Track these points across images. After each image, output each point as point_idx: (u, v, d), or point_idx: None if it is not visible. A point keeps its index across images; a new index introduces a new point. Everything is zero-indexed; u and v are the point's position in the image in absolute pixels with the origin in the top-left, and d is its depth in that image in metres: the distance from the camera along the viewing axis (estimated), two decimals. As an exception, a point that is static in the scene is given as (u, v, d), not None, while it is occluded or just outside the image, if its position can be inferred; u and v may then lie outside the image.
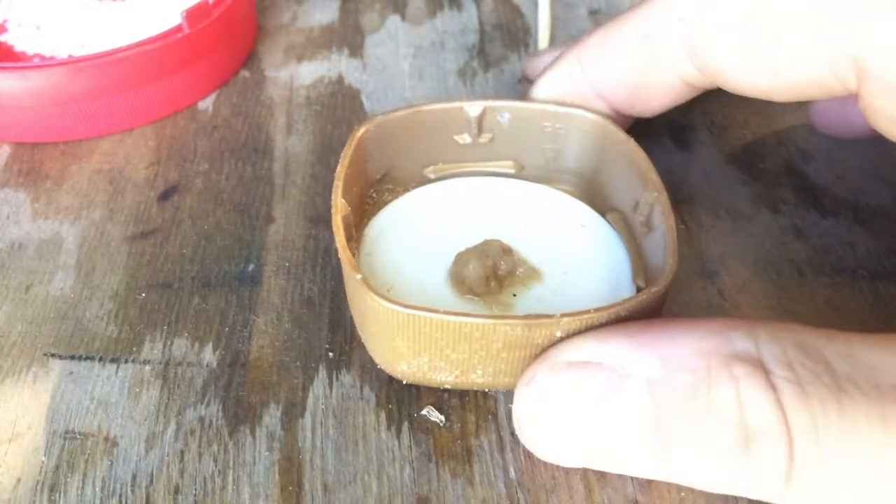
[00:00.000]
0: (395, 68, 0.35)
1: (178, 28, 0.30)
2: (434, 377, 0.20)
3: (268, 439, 0.21)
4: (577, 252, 0.23)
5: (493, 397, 0.22)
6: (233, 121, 0.32)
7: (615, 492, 0.20)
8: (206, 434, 0.21)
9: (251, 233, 0.27)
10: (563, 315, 0.18)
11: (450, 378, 0.20)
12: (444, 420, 0.21)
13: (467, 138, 0.25)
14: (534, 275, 0.22)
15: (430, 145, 0.25)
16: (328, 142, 0.31)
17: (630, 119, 0.26)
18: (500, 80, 0.34)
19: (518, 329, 0.18)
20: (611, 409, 0.17)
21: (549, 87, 0.25)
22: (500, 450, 0.21)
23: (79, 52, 0.33)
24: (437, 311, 0.18)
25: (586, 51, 0.24)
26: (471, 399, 0.22)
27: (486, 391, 0.22)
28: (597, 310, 0.18)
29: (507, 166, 0.26)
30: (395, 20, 0.38)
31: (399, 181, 0.26)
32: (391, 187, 0.26)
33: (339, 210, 0.21)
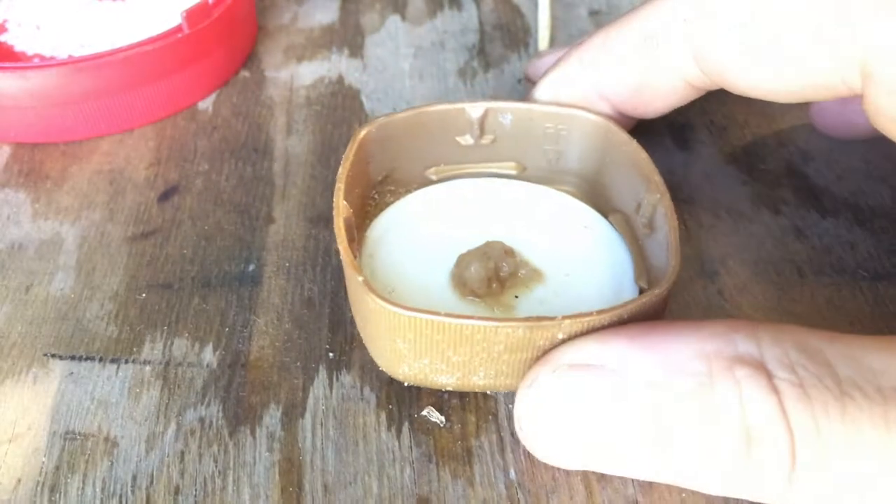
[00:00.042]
0: (396, 68, 0.35)
1: (178, 28, 0.30)
2: (435, 379, 0.20)
3: (268, 440, 0.21)
4: (579, 253, 0.23)
5: (493, 398, 0.22)
6: (233, 121, 0.32)
7: (616, 493, 0.20)
8: (206, 434, 0.21)
9: (251, 233, 0.27)
10: (564, 317, 0.18)
11: (451, 380, 0.20)
12: (444, 421, 0.21)
13: (469, 140, 0.25)
14: (536, 276, 0.22)
15: (432, 147, 0.25)
16: (328, 142, 0.31)
17: (632, 120, 0.26)
18: (500, 80, 0.34)
19: (519, 331, 0.18)
20: (612, 412, 0.17)
21: (551, 88, 0.25)
22: (501, 450, 0.21)
23: (79, 52, 0.33)
24: (437, 314, 0.18)
25: (588, 52, 0.24)
26: (471, 400, 0.22)
27: (486, 392, 0.22)
28: (599, 312, 0.18)
29: (510, 167, 0.26)
30: (395, 20, 0.38)
31: (401, 183, 0.26)
32: (393, 189, 0.26)
33: (341, 212, 0.21)
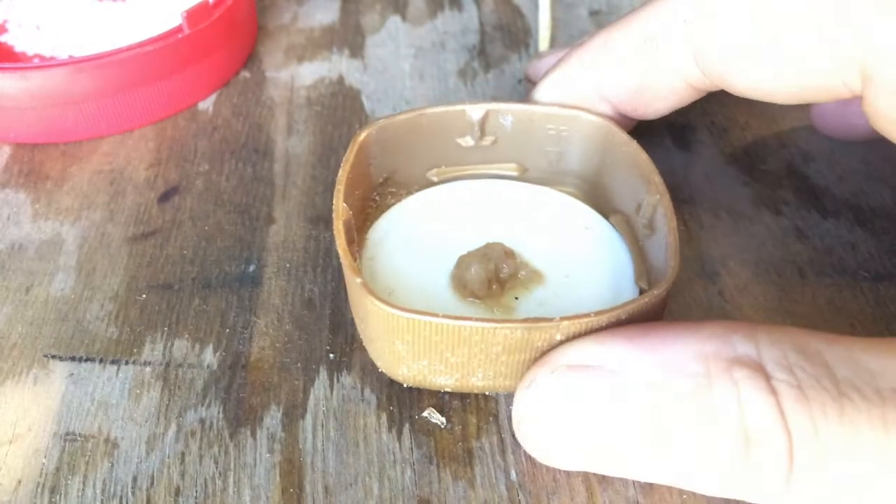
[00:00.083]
0: (396, 69, 0.35)
1: (179, 28, 0.30)
2: (434, 380, 0.20)
3: (268, 441, 0.21)
4: (579, 254, 0.23)
5: (494, 399, 0.22)
6: (233, 121, 0.32)
7: (617, 494, 0.20)
8: (206, 436, 0.21)
9: (252, 234, 0.27)
10: (562, 318, 0.18)
11: (450, 381, 0.20)
12: (445, 422, 0.21)
13: (470, 141, 0.25)
14: (536, 278, 0.22)
15: (433, 148, 0.25)
16: (329, 142, 0.31)
17: (633, 121, 0.26)
18: (500, 80, 0.34)
19: (517, 332, 0.18)
20: (611, 413, 0.17)
21: (551, 89, 0.25)
22: (502, 452, 0.21)
23: (79, 52, 0.33)
24: (435, 315, 0.18)
25: (589, 53, 0.24)
26: (472, 401, 0.22)
27: (487, 393, 0.22)
28: (597, 313, 0.18)
29: (510, 169, 0.26)
30: (395, 21, 0.38)
31: (402, 184, 0.26)
32: (394, 190, 0.26)
33: (341, 214, 0.21)
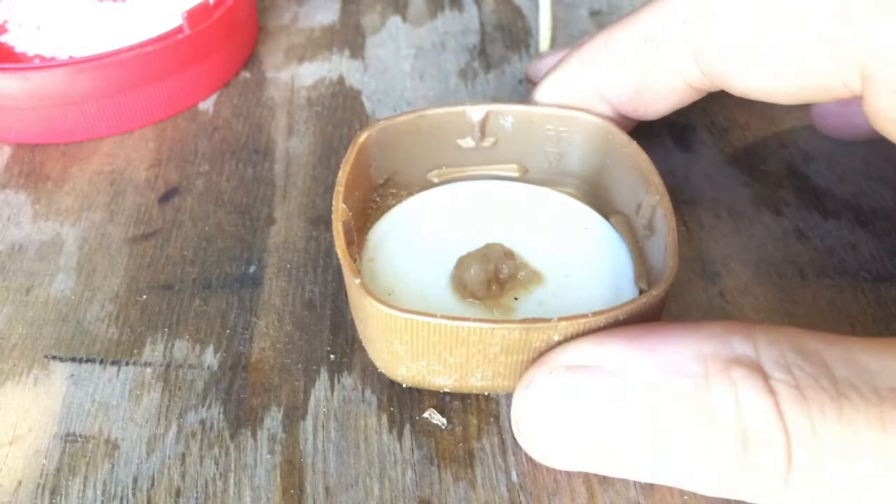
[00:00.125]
0: (396, 69, 0.35)
1: (179, 29, 0.30)
2: (433, 381, 0.20)
3: (269, 442, 0.21)
4: (579, 255, 0.23)
5: (494, 400, 0.22)
6: (234, 122, 0.32)
7: (617, 495, 0.20)
8: (207, 437, 0.21)
9: (252, 234, 0.27)
10: (560, 319, 0.18)
11: (448, 381, 0.20)
12: (445, 423, 0.21)
13: (470, 142, 0.25)
14: (535, 278, 0.22)
15: (434, 149, 0.25)
16: (329, 143, 0.31)
17: (633, 122, 0.26)
18: (501, 80, 0.34)
19: (516, 333, 0.18)
20: (609, 413, 0.17)
21: (551, 90, 0.25)
22: (503, 453, 0.21)
23: (79, 53, 0.33)
24: (434, 316, 0.18)
25: (589, 53, 0.24)
26: (473, 402, 0.22)
27: (487, 394, 0.22)
28: (595, 314, 0.18)
29: (511, 170, 0.26)
30: (395, 21, 0.38)
31: (402, 185, 0.26)
32: (395, 191, 0.26)
33: (340, 215, 0.21)
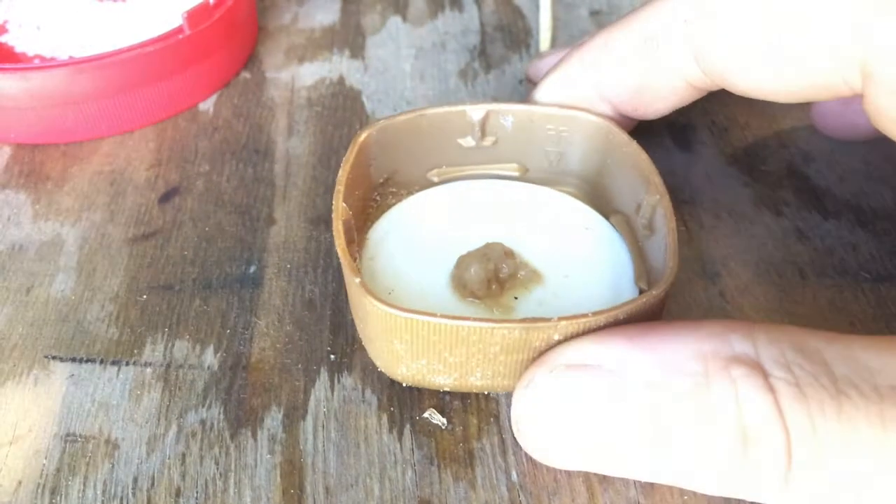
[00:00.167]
0: (397, 69, 0.35)
1: (179, 29, 0.30)
2: (433, 379, 0.20)
3: (269, 442, 0.21)
4: (579, 254, 0.23)
5: (495, 400, 0.22)
6: (234, 122, 0.32)
7: (618, 495, 0.20)
8: (207, 437, 0.21)
9: (252, 234, 0.27)
10: (560, 318, 0.18)
11: (448, 380, 0.20)
12: (445, 423, 0.21)
13: (471, 141, 0.25)
14: (535, 278, 0.22)
15: (434, 149, 0.25)
16: (329, 143, 0.31)
17: (633, 121, 0.26)
18: (501, 81, 0.34)
19: (515, 332, 0.18)
20: (609, 412, 0.17)
21: (552, 89, 0.25)
22: (503, 453, 0.21)
23: (79, 53, 0.33)
24: (434, 315, 0.18)
25: (589, 53, 0.24)
26: (473, 402, 0.22)
27: (488, 394, 0.22)
28: (595, 313, 0.18)
29: (511, 169, 0.26)
30: (396, 21, 0.38)
31: (403, 184, 0.26)
32: (395, 190, 0.26)
33: (340, 215, 0.21)
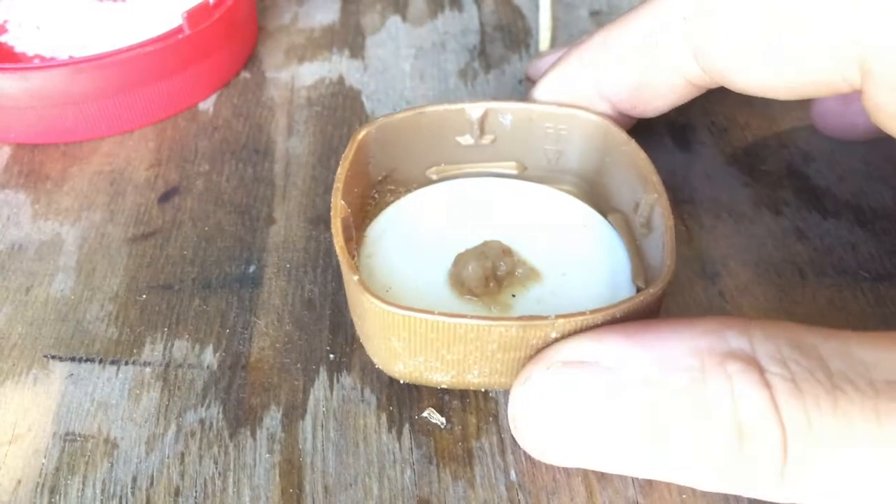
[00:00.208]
0: (396, 69, 0.35)
1: (179, 29, 0.30)
2: (431, 377, 0.20)
3: (268, 441, 0.21)
4: (577, 253, 0.23)
5: (493, 399, 0.22)
6: (233, 122, 0.32)
7: (616, 493, 0.20)
8: (206, 436, 0.21)
9: (252, 234, 0.27)
10: (557, 316, 0.18)
11: (446, 378, 0.20)
12: (444, 422, 0.21)
13: (469, 140, 0.25)
14: (533, 276, 0.22)
15: (433, 147, 0.25)
16: (329, 143, 0.31)
17: (632, 120, 0.26)
18: (501, 80, 0.34)
19: (513, 330, 0.18)
20: (607, 409, 0.17)
21: (550, 88, 0.25)
22: (502, 452, 0.21)
23: (79, 53, 0.33)
24: (431, 313, 0.18)
25: (588, 51, 0.24)
26: (472, 401, 0.22)
27: (487, 393, 0.22)
28: (592, 311, 0.18)
29: (510, 167, 0.26)
30: (395, 21, 0.38)
31: (401, 182, 0.26)
32: (393, 188, 0.26)
33: (339, 212, 0.21)
